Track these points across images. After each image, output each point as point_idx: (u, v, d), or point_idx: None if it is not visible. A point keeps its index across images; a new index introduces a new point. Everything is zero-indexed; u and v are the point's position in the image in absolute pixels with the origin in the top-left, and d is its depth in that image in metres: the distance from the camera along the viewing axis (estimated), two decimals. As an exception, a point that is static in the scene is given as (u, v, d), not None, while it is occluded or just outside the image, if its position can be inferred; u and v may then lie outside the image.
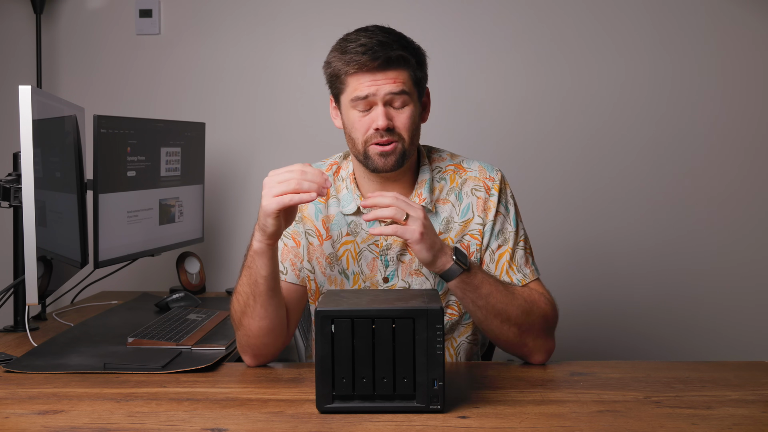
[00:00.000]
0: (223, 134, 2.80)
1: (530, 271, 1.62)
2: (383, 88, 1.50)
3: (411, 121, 1.54)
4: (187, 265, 2.55)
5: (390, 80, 1.50)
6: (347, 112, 1.55)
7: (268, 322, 1.49)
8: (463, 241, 1.61)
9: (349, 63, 1.50)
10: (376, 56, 1.48)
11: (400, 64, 1.51)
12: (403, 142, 1.53)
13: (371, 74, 1.50)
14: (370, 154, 1.54)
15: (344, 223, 1.63)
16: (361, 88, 1.50)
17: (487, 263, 1.62)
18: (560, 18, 2.75)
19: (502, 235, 1.62)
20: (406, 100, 1.52)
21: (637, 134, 2.75)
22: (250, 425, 1.22)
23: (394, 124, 1.52)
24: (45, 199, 1.76)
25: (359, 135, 1.54)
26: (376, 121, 1.51)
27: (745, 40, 2.72)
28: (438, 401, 1.24)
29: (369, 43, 1.49)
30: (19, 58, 2.80)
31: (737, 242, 2.76)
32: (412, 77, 1.53)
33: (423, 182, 1.62)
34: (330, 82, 1.57)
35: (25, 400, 1.36)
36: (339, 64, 1.52)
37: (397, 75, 1.51)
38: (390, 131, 1.52)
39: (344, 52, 1.51)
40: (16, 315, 1.95)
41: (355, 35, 1.53)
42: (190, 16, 2.81)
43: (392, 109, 1.52)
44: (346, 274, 1.62)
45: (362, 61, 1.49)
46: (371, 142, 1.53)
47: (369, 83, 1.50)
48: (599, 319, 2.79)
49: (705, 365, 1.55)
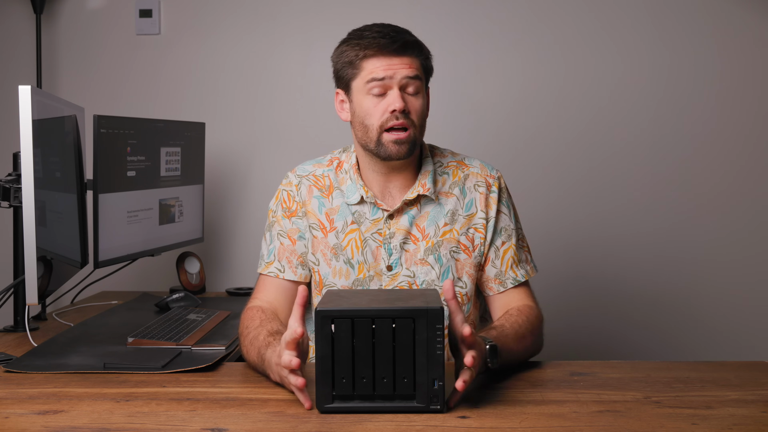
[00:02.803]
0: (223, 134, 2.80)
1: (530, 267, 1.71)
2: (400, 71, 1.54)
3: (422, 109, 1.59)
4: (187, 265, 2.55)
5: (406, 65, 1.55)
6: (360, 98, 1.57)
7: None
8: (468, 233, 1.65)
9: (368, 47, 1.54)
10: (395, 40, 1.54)
11: (415, 51, 1.57)
12: (415, 129, 1.57)
13: (388, 58, 1.54)
14: (384, 141, 1.56)
15: (348, 213, 1.65)
16: (377, 70, 1.54)
17: (492, 259, 1.67)
18: (559, 18, 2.75)
19: (506, 232, 1.68)
20: (419, 86, 1.57)
21: (635, 132, 2.75)
22: (250, 425, 1.22)
23: (408, 108, 1.56)
24: (45, 199, 1.76)
25: (374, 120, 1.56)
26: (393, 103, 1.54)
27: (743, 38, 2.73)
28: (438, 401, 1.24)
29: (384, 30, 1.56)
30: (19, 58, 2.80)
31: (738, 242, 2.76)
32: (423, 66, 1.59)
33: (427, 173, 1.65)
34: (341, 70, 1.60)
35: (25, 400, 1.36)
36: (355, 49, 1.56)
37: (412, 61, 1.56)
38: (405, 115, 1.55)
39: (361, 38, 1.56)
40: (16, 315, 1.95)
41: (366, 27, 1.59)
42: (190, 16, 2.81)
43: (406, 94, 1.56)
44: (351, 263, 1.64)
45: (381, 43, 1.54)
46: (386, 126, 1.55)
47: (386, 66, 1.54)
48: (599, 320, 2.79)
49: (705, 365, 1.54)
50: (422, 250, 1.63)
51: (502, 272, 1.67)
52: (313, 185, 1.68)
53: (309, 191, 1.68)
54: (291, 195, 1.69)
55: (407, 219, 1.64)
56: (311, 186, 1.68)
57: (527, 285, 1.69)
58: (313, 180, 1.69)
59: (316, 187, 1.68)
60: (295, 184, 1.69)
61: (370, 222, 1.64)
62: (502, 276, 1.67)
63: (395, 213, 1.63)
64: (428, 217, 1.64)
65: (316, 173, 1.70)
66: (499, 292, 1.67)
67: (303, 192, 1.68)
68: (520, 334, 1.52)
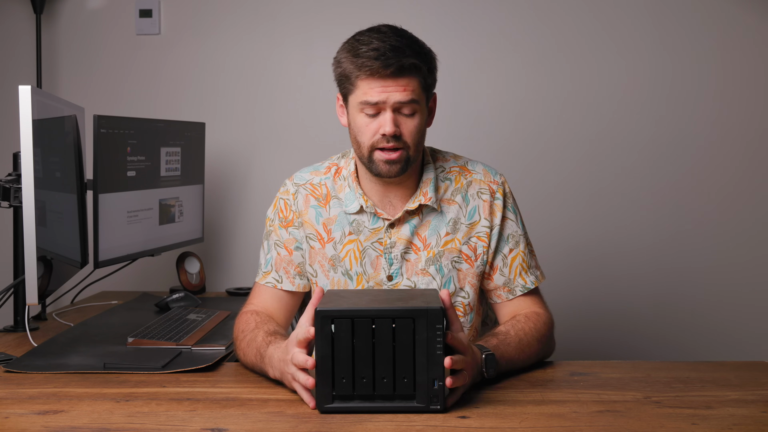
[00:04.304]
0: (223, 134, 2.80)
1: (540, 273, 1.68)
2: (393, 95, 1.48)
3: (417, 130, 1.53)
4: (187, 265, 2.55)
5: (401, 88, 1.49)
6: (355, 114, 1.54)
7: None
8: (470, 242, 1.62)
9: (361, 68, 1.48)
10: (389, 63, 1.46)
11: (412, 72, 1.49)
12: (408, 149, 1.53)
13: (382, 81, 1.48)
14: (375, 159, 1.53)
15: (347, 223, 1.62)
16: (371, 93, 1.49)
17: (500, 268, 1.64)
18: (560, 18, 2.75)
19: (513, 239, 1.65)
20: (414, 108, 1.52)
21: (637, 134, 2.75)
22: (250, 425, 1.22)
23: (401, 131, 1.51)
24: (45, 199, 1.76)
25: (366, 139, 1.53)
26: (384, 126, 1.50)
27: (745, 40, 2.72)
28: (438, 401, 1.24)
29: (382, 47, 1.47)
30: (19, 58, 2.80)
31: (737, 242, 2.76)
32: (422, 84, 1.52)
33: (428, 181, 1.63)
34: (339, 80, 1.56)
35: (25, 400, 1.36)
36: (350, 66, 1.50)
37: (407, 83, 1.49)
38: (396, 138, 1.51)
39: (356, 55, 1.49)
40: (16, 315, 1.95)
41: (367, 37, 1.50)
42: (190, 16, 2.81)
43: (400, 116, 1.51)
44: (350, 275, 1.62)
45: (374, 67, 1.47)
46: (377, 147, 1.52)
47: (379, 89, 1.48)
48: (599, 320, 2.79)
49: (705, 365, 1.54)
50: (423, 261, 1.61)
51: (510, 280, 1.64)
52: (310, 194, 1.66)
53: (306, 201, 1.65)
54: (288, 204, 1.66)
55: (409, 228, 1.61)
56: (308, 195, 1.65)
57: (537, 291, 1.66)
58: (311, 189, 1.66)
59: (313, 196, 1.65)
60: (292, 193, 1.67)
61: (369, 231, 1.61)
62: (510, 284, 1.64)
63: (396, 222, 1.61)
64: (430, 227, 1.62)
65: (314, 182, 1.67)
66: (508, 300, 1.64)
67: (300, 202, 1.65)
68: (525, 342, 1.50)
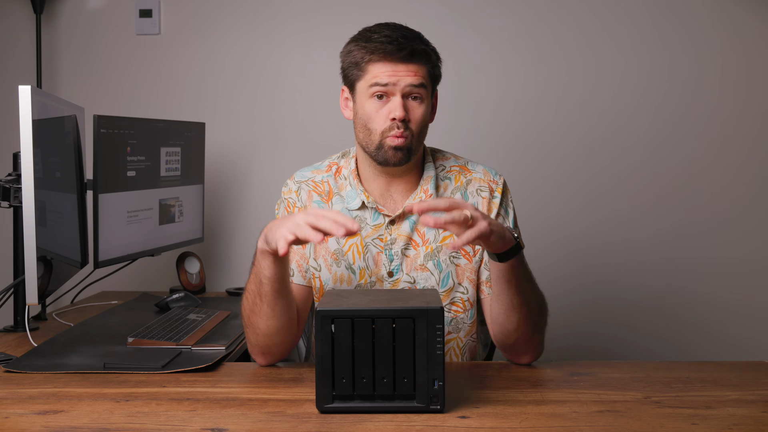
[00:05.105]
0: (223, 134, 2.80)
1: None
2: (404, 79, 1.52)
3: (423, 118, 1.57)
4: (187, 265, 2.55)
5: (411, 72, 1.53)
6: (363, 100, 1.56)
7: (275, 322, 1.48)
8: None
9: (374, 51, 1.52)
10: (402, 47, 1.51)
11: (422, 59, 1.54)
12: (413, 137, 1.56)
13: (394, 64, 1.52)
14: (385, 145, 1.55)
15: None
16: (381, 75, 1.52)
17: (485, 261, 1.63)
18: (560, 18, 2.75)
19: None
20: (423, 94, 1.55)
21: (635, 132, 2.75)
22: (250, 425, 1.22)
23: (409, 116, 1.54)
24: (45, 199, 1.76)
25: (377, 126, 1.55)
26: (394, 110, 1.53)
27: (743, 38, 2.72)
28: (438, 401, 1.24)
29: (393, 35, 1.53)
30: (19, 58, 2.80)
31: (737, 242, 2.76)
32: (430, 73, 1.57)
33: (429, 179, 1.64)
34: (347, 69, 1.58)
35: (25, 400, 1.36)
36: (362, 52, 1.54)
37: (418, 68, 1.54)
38: (405, 124, 1.54)
39: (369, 41, 1.53)
40: (16, 315, 1.95)
41: (377, 27, 1.56)
42: (190, 16, 2.81)
43: (409, 101, 1.55)
44: (353, 269, 1.63)
45: (388, 49, 1.51)
46: (388, 134, 1.54)
47: (390, 72, 1.52)
48: (599, 320, 2.79)
49: (705, 365, 1.55)
50: (422, 256, 1.62)
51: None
52: (312, 190, 1.67)
53: (309, 196, 1.67)
54: (291, 201, 1.68)
55: (408, 225, 1.62)
56: (311, 191, 1.67)
57: None
58: (313, 185, 1.68)
59: (315, 192, 1.67)
60: (295, 190, 1.68)
61: (371, 227, 1.63)
62: None
63: (397, 219, 1.62)
64: None
65: (315, 179, 1.69)
66: (490, 295, 1.61)
67: (303, 197, 1.67)
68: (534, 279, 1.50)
